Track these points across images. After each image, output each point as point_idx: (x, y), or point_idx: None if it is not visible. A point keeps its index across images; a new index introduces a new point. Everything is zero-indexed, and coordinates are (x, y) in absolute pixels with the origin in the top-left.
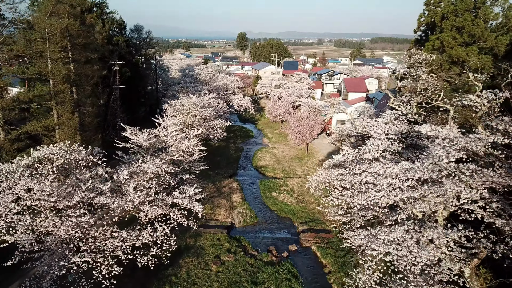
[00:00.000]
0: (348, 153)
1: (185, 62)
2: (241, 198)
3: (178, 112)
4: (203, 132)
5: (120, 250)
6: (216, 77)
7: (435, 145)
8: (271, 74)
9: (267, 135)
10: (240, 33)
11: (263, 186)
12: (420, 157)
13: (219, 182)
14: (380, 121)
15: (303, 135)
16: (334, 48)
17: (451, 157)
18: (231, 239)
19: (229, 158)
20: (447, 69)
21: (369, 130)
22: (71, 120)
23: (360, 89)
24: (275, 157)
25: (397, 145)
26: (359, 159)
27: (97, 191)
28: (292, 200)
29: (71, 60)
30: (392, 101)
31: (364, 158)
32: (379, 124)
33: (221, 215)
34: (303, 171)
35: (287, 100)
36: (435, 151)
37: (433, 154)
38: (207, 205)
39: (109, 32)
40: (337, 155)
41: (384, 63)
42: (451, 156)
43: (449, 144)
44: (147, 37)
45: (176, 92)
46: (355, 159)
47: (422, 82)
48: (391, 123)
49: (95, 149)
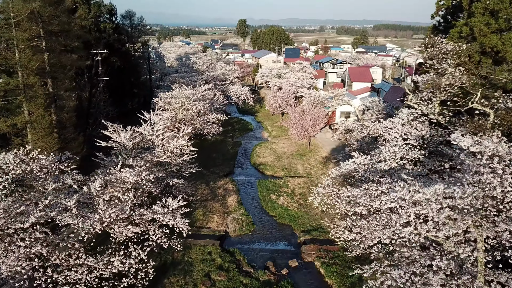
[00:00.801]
0: (358, 161)
1: (183, 50)
2: (237, 201)
3: (170, 106)
4: (197, 127)
5: (83, 284)
6: (213, 66)
7: (479, 164)
8: (272, 62)
9: (267, 128)
10: (240, 20)
11: (262, 187)
12: (454, 175)
13: (214, 182)
14: (396, 121)
15: (305, 130)
16: (336, 35)
17: (508, 186)
18: (224, 253)
19: (225, 154)
20: (476, 61)
21: (383, 132)
22: (44, 117)
23: (365, 79)
24: (275, 153)
25: (418, 152)
26: (372, 169)
27: (61, 208)
28: (293, 204)
29: (45, 49)
30: (410, 98)
31: (379, 169)
32: (394, 125)
33: (214, 222)
34: (305, 169)
35: (288, 91)
36: (483, 175)
37: (480, 178)
38: (199, 210)
39: (96, 18)
40: (346, 163)
41: (387, 51)
42: (508, 184)
43: (500, 165)
44: (139, 24)
45: (170, 82)
46: (367, 169)
47: (448, 77)
48: (409, 124)
49: (65, 154)
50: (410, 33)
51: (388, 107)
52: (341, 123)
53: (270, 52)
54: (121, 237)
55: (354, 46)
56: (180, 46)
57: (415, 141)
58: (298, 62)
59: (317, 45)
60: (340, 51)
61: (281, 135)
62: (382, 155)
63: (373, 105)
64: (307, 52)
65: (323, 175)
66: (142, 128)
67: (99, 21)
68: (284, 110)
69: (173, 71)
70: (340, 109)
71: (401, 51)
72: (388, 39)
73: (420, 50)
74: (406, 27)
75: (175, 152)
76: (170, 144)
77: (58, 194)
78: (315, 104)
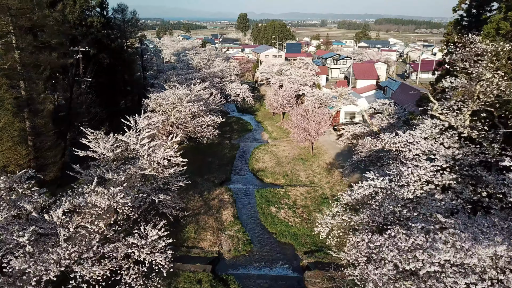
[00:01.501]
0: (374, 183)
1: (181, 45)
2: (233, 215)
3: (160, 107)
4: (191, 130)
5: None
6: (211, 62)
7: None
8: (272, 57)
9: (267, 129)
10: (241, 14)
11: (261, 198)
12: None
13: (208, 192)
14: (417, 135)
15: (308, 133)
16: (338, 30)
17: None
18: (216, 281)
19: (222, 158)
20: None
21: (402, 147)
22: (13, 125)
23: (370, 76)
24: (275, 158)
25: (449, 176)
26: (393, 197)
27: (13, 244)
28: (294, 219)
29: (15, 47)
30: (435, 108)
31: (401, 197)
32: (416, 138)
33: (207, 240)
34: (307, 177)
35: (289, 89)
36: None
37: None
38: (190, 227)
39: (83, 11)
40: (359, 185)
41: (390, 46)
42: None
43: None
44: (132, 18)
45: (164, 81)
46: (386, 196)
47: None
48: (432, 138)
49: (28, 173)
50: (412, 27)
51: (400, 111)
52: (348, 127)
53: (270, 47)
54: (86, 278)
55: (356, 41)
56: (179, 41)
57: (444, 161)
58: (300, 58)
59: (318, 39)
60: (342, 46)
61: (282, 136)
62: (403, 179)
63: (383, 108)
64: (309, 47)
65: (328, 183)
66: (125, 136)
67: (87, 15)
68: (285, 109)
69: (170, 68)
70: (345, 109)
71: (404, 45)
72: (390, 34)
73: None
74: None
75: (162, 163)
76: (157, 154)
77: (11, 225)
78: (318, 104)
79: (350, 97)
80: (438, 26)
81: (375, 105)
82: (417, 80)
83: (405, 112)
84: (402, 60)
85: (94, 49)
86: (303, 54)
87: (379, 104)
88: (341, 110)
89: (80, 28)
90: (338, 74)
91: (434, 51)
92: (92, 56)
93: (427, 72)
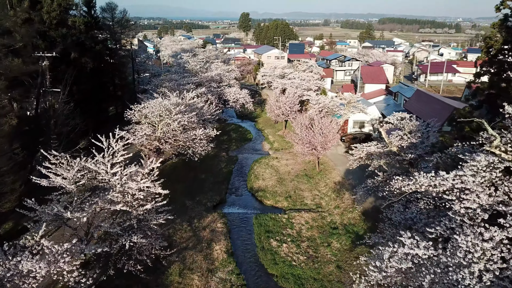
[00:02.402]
0: (411, 252)
1: (180, 46)
2: (226, 250)
3: (146, 119)
4: (181, 145)
5: None
6: (209, 65)
7: None
8: (275, 59)
9: (268, 138)
10: (243, 13)
11: (259, 227)
12: None
13: (199, 219)
14: (469, 179)
15: (314, 147)
16: (341, 29)
17: None
18: None
19: (217, 175)
20: None
21: (446, 194)
22: None
23: (379, 80)
24: (277, 174)
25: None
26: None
27: None
28: (299, 257)
29: None
30: (495, 144)
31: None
32: (466, 182)
33: (193, 286)
34: (313, 198)
35: (292, 95)
36: None
37: None
38: (174, 267)
39: (63, 10)
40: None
41: (395, 46)
42: None
43: None
44: (122, 18)
45: (155, 86)
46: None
47: None
48: (490, 184)
49: None
50: (416, 26)
51: (422, 126)
52: (361, 147)
53: (273, 48)
54: None
55: (360, 41)
56: (180, 41)
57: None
58: (304, 61)
59: (322, 39)
60: (347, 46)
61: (284, 147)
62: (458, 252)
63: (403, 123)
64: (312, 47)
65: (337, 208)
66: (93, 162)
67: (71, 14)
68: (288, 117)
69: (164, 71)
70: (354, 118)
71: (409, 46)
72: (394, 33)
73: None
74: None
75: (138, 196)
76: (132, 185)
77: None
78: (324, 112)
79: (359, 105)
80: (442, 26)
81: (393, 120)
82: (426, 83)
83: (428, 128)
84: (408, 61)
85: (75, 52)
86: (307, 55)
87: (398, 119)
88: (349, 119)
89: (60, 29)
90: (343, 76)
91: (441, 52)
92: (72, 60)
93: (436, 74)
